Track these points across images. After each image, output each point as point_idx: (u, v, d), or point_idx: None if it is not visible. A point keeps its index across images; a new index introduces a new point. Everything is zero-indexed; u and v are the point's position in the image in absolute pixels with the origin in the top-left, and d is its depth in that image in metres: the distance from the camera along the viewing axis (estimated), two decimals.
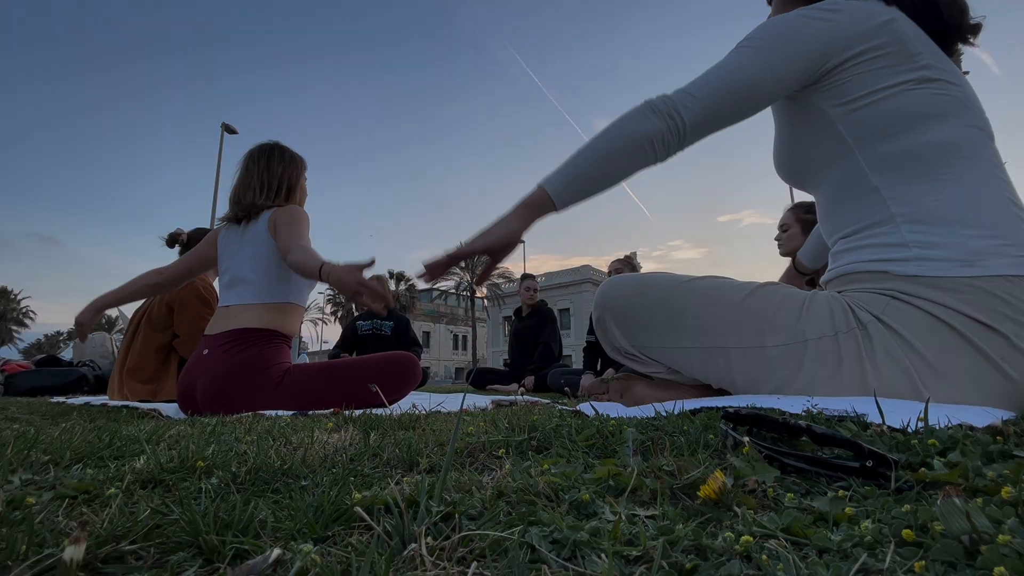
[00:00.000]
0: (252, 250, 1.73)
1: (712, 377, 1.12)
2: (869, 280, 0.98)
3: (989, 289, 0.87)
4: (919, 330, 0.90)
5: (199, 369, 1.63)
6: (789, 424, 0.57)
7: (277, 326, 1.69)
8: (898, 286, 0.93)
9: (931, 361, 0.89)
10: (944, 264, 0.90)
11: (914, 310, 0.91)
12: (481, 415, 1.15)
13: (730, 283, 1.11)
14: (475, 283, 1.45)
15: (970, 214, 0.92)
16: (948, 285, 0.89)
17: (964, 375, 0.88)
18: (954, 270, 0.89)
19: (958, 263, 0.89)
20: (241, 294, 1.71)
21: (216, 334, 1.67)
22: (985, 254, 0.88)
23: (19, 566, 0.31)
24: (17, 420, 1.30)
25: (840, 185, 1.05)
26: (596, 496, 0.44)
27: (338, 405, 1.57)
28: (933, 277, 0.90)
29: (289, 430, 0.92)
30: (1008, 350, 0.87)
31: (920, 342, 0.90)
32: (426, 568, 0.31)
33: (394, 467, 0.60)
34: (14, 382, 3.47)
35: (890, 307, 0.93)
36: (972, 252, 0.89)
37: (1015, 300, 0.87)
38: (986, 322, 0.87)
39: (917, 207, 0.95)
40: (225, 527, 0.37)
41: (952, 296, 0.89)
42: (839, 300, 0.99)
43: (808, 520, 0.37)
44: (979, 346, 0.87)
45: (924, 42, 1.01)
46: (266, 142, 1.88)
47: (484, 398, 1.99)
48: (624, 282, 1.18)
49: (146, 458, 0.62)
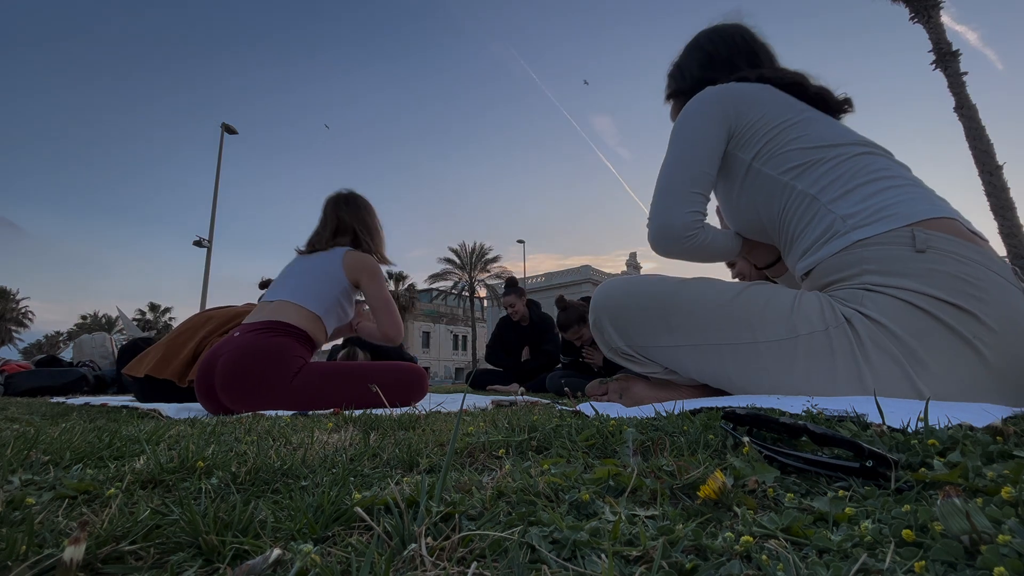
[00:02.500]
0: (316, 266, 1.90)
1: (707, 375, 1.13)
2: (837, 271, 1.04)
3: (950, 271, 0.92)
4: (897, 316, 0.94)
5: (225, 347, 1.67)
6: (789, 424, 0.57)
7: (308, 329, 1.78)
8: (868, 279, 0.98)
9: (915, 348, 0.93)
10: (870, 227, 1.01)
11: (889, 299, 0.96)
12: (481, 415, 1.15)
13: (721, 283, 1.14)
14: None
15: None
16: (908, 271, 0.95)
17: (945, 356, 0.92)
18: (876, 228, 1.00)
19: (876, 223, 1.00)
20: (287, 292, 1.83)
21: (252, 322, 1.75)
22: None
23: (19, 566, 0.31)
24: (17, 420, 1.29)
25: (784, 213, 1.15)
26: (596, 496, 0.44)
27: (343, 405, 1.58)
28: (889, 260, 0.98)
29: (289, 430, 0.93)
30: (978, 327, 0.90)
31: (901, 329, 0.94)
32: (426, 568, 0.31)
33: (394, 467, 0.60)
34: (14, 382, 3.46)
35: (867, 298, 0.97)
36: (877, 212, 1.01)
37: (972, 279, 0.91)
38: (954, 302, 0.91)
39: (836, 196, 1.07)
40: (225, 527, 0.37)
41: (918, 281, 0.94)
42: (826, 297, 1.03)
43: (808, 520, 0.37)
44: (953, 327, 0.91)
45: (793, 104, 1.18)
46: (343, 191, 2.14)
47: (484, 398, 1.99)
48: (618, 284, 1.22)
49: (146, 458, 0.62)
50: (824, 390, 0.97)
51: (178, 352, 2.27)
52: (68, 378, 3.53)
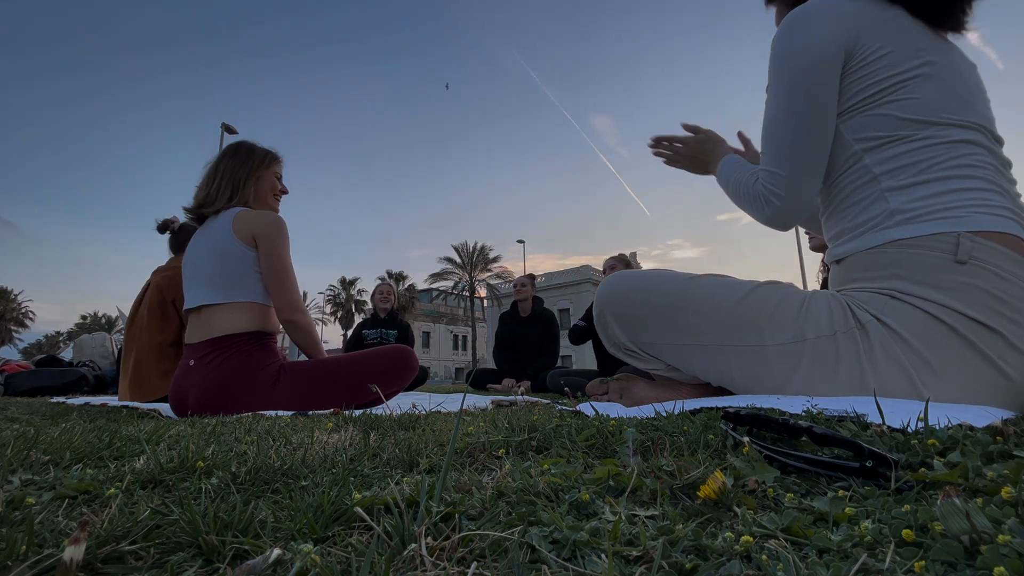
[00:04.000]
0: (211, 244, 1.64)
1: (711, 375, 1.12)
2: (864, 268, 0.99)
3: (986, 288, 0.87)
4: (918, 329, 0.91)
5: (188, 381, 1.57)
6: (789, 424, 0.57)
7: (256, 326, 1.61)
8: (896, 285, 0.94)
9: (929, 360, 0.89)
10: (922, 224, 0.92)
11: (912, 309, 0.91)
12: (481, 415, 1.15)
13: (730, 281, 1.11)
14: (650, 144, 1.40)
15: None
16: (940, 282, 0.90)
17: (962, 374, 0.88)
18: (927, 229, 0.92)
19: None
20: (208, 291, 1.61)
21: (196, 343, 1.59)
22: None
23: (19, 566, 0.31)
24: (17, 420, 1.29)
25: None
26: (596, 496, 0.44)
27: (336, 400, 1.55)
28: (926, 273, 0.91)
29: (289, 430, 0.92)
30: (1005, 349, 0.87)
31: (918, 341, 0.90)
32: (426, 568, 0.31)
33: (394, 467, 0.60)
34: (14, 382, 3.46)
35: (888, 306, 0.93)
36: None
37: (1010, 298, 0.87)
38: (983, 321, 0.87)
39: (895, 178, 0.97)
40: (225, 527, 0.37)
41: (947, 295, 0.89)
42: (838, 300, 1.00)
43: (808, 520, 0.37)
44: (977, 345, 0.87)
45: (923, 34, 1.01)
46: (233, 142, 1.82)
47: (484, 398, 1.99)
48: (625, 279, 1.19)
49: (146, 458, 0.62)
50: (826, 394, 0.95)
51: (142, 374, 2.29)
52: (68, 378, 3.54)
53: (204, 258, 1.63)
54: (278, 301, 1.62)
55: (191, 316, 1.66)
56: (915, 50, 0.98)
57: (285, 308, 1.62)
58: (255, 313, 1.61)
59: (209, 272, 1.61)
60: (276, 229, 1.63)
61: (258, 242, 1.61)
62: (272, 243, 1.62)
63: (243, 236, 1.61)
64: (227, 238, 1.61)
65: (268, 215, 1.66)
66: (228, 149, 1.78)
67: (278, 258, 1.62)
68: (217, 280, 1.60)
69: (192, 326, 1.64)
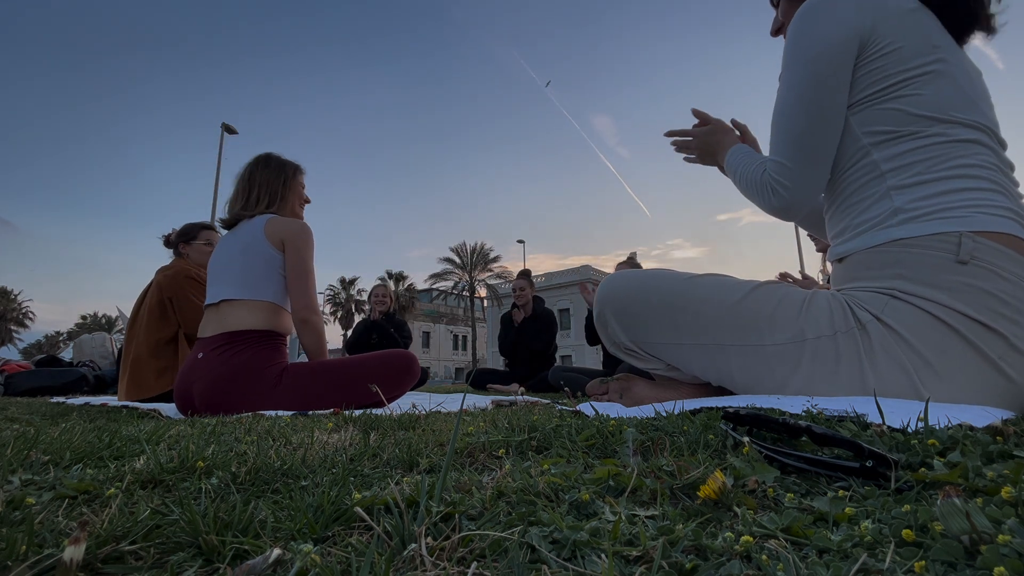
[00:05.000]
0: (242, 246, 1.73)
1: (711, 375, 1.12)
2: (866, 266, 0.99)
3: (987, 288, 0.87)
4: (919, 329, 0.90)
5: (195, 374, 1.61)
6: (789, 424, 0.57)
7: (269, 325, 1.67)
8: (897, 285, 0.94)
9: (930, 360, 0.89)
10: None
11: (914, 309, 0.91)
12: (481, 415, 1.15)
13: (730, 281, 1.11)
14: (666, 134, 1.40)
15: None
16: (941, 282, 0.89)
17: (963, 374, 0.88)
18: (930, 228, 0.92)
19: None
20: (230, 287, 1.69)
21: (209, 336, 1.65)
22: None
23: (19, 566, 0.31)
24: (17, 420, 1.29)
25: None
26: (596, 496, 0.44)
27: (337, 403, 1.56)
28: (928, 273, 0.91)
29: (289, 430, 0.92)
30: (1006, 349, 0.87)
31: (919, 341, 0.90)
32: (426, 568, 0.31)
33: (394, 467, 0.60)
34: (14, 382, 3.47)
35: (889, 306, 0.93)
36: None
37: (1011, 299, 0.87)
38: (984, 322, 0.87)
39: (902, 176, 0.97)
40: (225, 527, 0.37)
41: (949, 295, 0.89)
42: (839, 299, 0.99)
43: (808, 520, 0.37)
44: (977, 345, 0.87)
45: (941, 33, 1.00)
46: (259, 154, 1.93)
47: (484, 398, 1.99)
48: (625, 279, 1.19)
49: (146, 458, 0.62)
50: (826, 394, 0.95)
51: (139, 372, 2.29)
52: (68, 378, 3.54)
53: (233, 257, 1.73)
54: (297, 301, 1.71)
55: (208, 311, 1.73)
56: (930, 46, 0.97)
57: (303, 308, 1.71)
58: (270, 313, 1.70)
59: (234, 270, 1.71)
60: (305, 235, 1.77)
61: (286, 246, 1.73)
62: (300, 248, 1.74)
63: (274, 240, 1.72)
64: (259, 240, 1.72)
65: (298, 222, 1.79)
66: (259, 160, 1.90)
67: (303, 262, 1.73)
68: (240, 278, 1.69)
69: (207, 321, 1.71)
